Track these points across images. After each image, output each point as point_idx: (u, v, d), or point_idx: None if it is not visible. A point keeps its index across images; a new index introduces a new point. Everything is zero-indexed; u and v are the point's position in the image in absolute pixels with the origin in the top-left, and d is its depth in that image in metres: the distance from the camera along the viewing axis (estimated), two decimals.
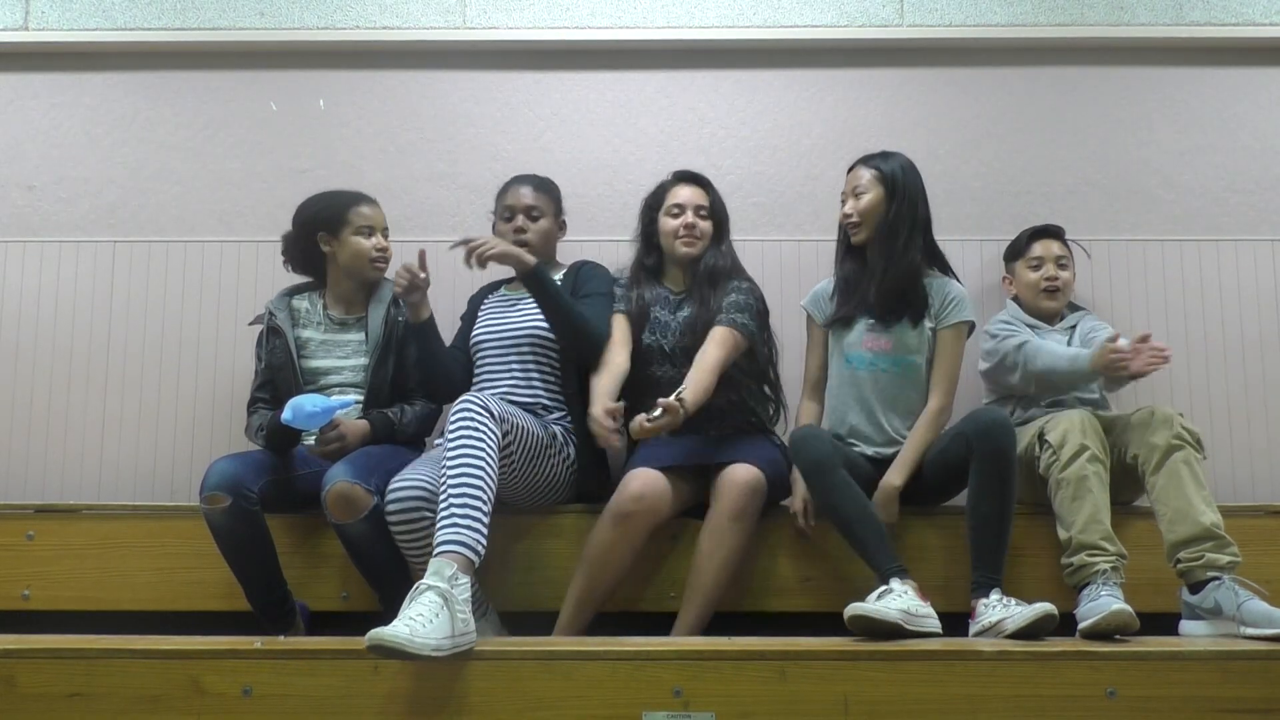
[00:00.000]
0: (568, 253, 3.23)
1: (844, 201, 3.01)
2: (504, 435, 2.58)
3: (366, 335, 3.02)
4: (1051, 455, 2.71)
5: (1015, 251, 3.27)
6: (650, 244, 3.10)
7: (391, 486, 2.60)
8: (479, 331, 3.10)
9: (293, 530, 2.87)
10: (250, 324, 3.14)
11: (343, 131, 3.56)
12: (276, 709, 2.14)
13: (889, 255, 2.90)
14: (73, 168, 3.54)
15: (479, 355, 3.08)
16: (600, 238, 3.47)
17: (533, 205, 3.10)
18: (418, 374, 3.00)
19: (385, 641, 2.07)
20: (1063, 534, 2.67)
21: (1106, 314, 3.34)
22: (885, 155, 2.99)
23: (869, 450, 2.90)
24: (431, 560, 2.29)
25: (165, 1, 3.56)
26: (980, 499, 2.63)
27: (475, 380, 3.06)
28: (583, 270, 3.11)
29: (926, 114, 3.57)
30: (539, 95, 3.58)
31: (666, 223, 3.03)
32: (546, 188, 3.16)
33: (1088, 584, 2.57)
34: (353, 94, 3.58)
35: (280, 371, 2.99)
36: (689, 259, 3.01)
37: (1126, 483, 2.78)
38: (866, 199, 2.94)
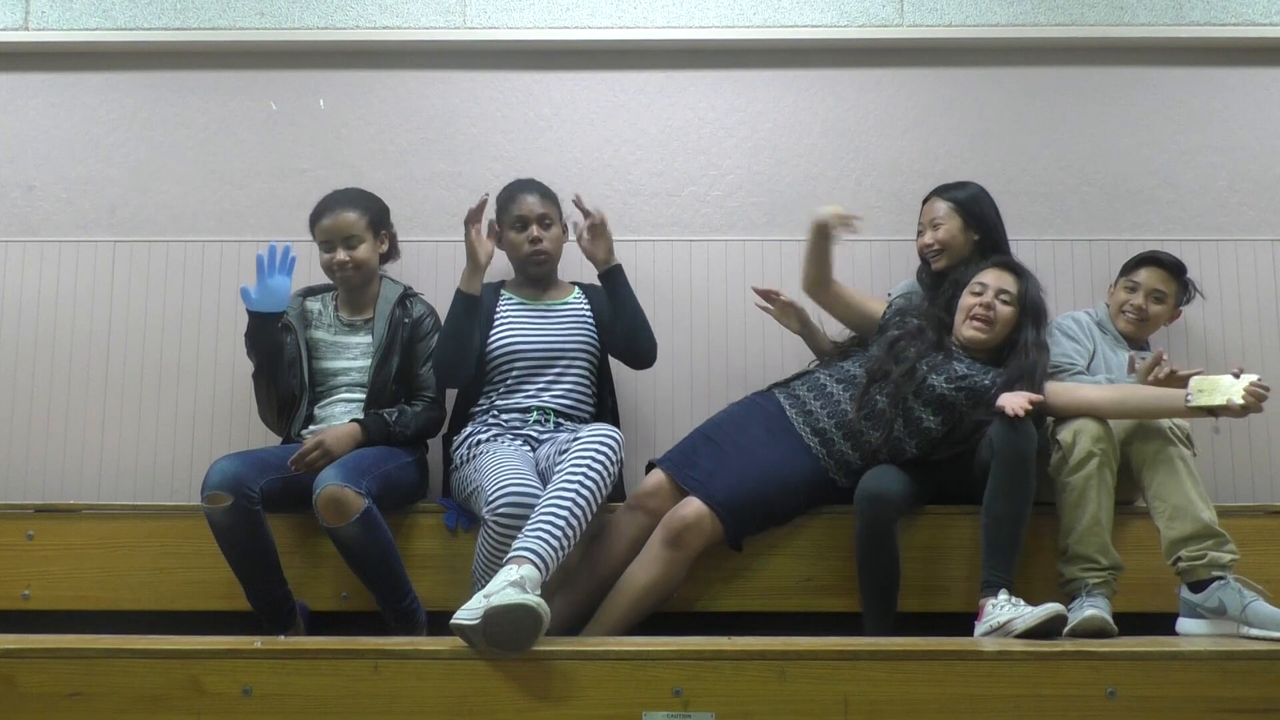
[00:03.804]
0: (568, 252, 3.22)
1: (921, 232, 3.12)
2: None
3: (374, 337, 3.02)
4: (1060, 457, 2.71)
5: (1125, 267, 3.24)
6: None
7: (503, 489, 2.57)
8: (509, 339, 3.04)
9: (293, 530, 2.87)
10: None
11: (343, 131, 3.56)
12: (276, 709, 2.14)
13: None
14: (73, 168, 3.54)
15: (509, 363, 3.02)
16: None
17: (544, 214, 3.09)
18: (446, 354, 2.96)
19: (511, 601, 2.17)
20: (1061, 539, 2.69)
21: None
22: (961, 185, 3.13)
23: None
24: (527, 565, 2.35)
25: (165, 1, 3.56)
26: (996, 499, 2.65)
27: (500, 388, 3.02)
28: (600, 295, 3.14)
29: (926, 114, 3.57)
30: (539, 95, 3.58)
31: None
32: (551, 194, 3.14)
33: (1077, 595, 2.61)
34: (353, 94, 3.58)
35: (290, 367, 3.00)
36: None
37: (1123, 483, 2.78)
38: (944, 230, 3.05)
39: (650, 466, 2.90)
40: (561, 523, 2.45)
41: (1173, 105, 3.57)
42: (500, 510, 2.55)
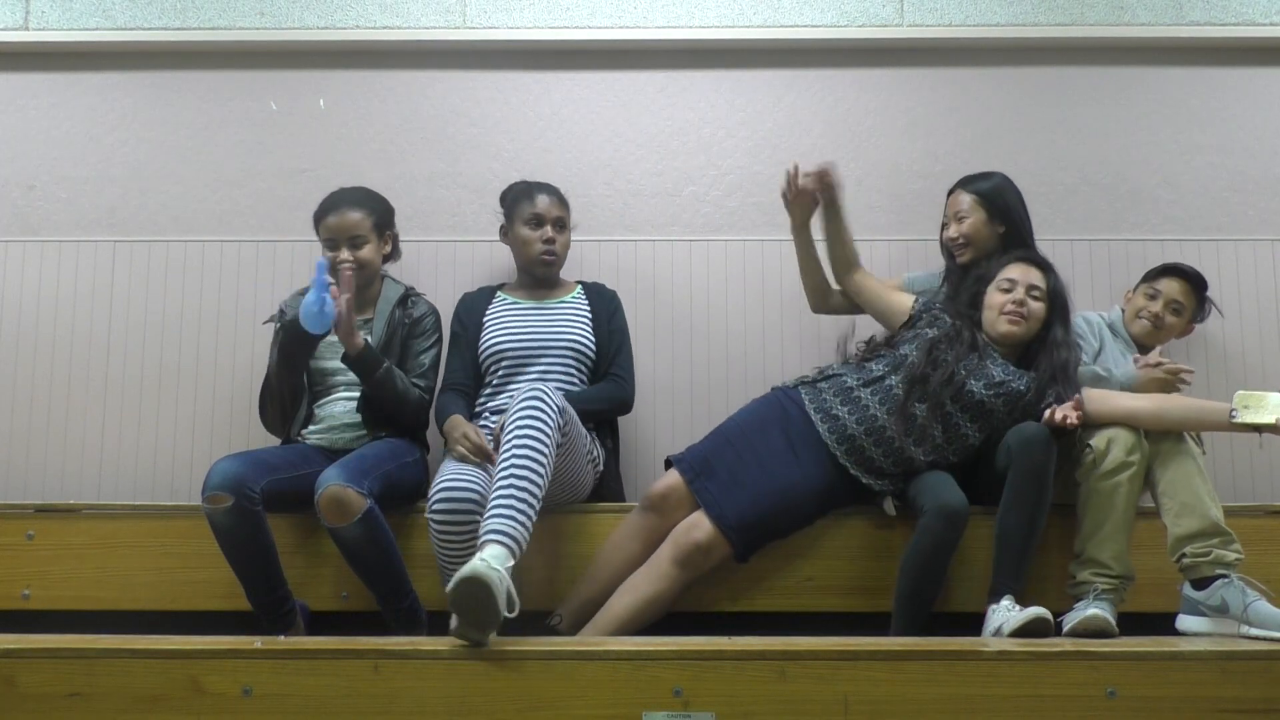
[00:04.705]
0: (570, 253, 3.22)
1: (945, 225, 3.11)
2: (562, 428, 2.60)
3: (372, 337, 3.01)
4: (1091, 462, 2.68)
5: (1148, 275, 3.24)
6: None
7: (441, 485, 2.58)
8: (501, 339, 3.03)
9: (293, 530, 2.87)
10: (265, 323, 3.15)
11: (343, 131, 3.56)
12: (276, 709, 2.14)
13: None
14: (73, 168, 3.54)
15: (494, 364, 3.01)
16: (600, 237, 3.47)
17: (560, 216, 3.10)
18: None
19: (479, 575, 2.15)
20: (1078, 542, 2.69)
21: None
22: (986, 176, 3.10)
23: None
24: (488, 545, 2.31)
25: (165, 1, 3.56)
26: (1010, 509, 2.65)
27: (488, 389, 3.02)
28: (607, 297, 3.14)
29: (926, 114, 3.57)
30: (539, 95, 3.58)
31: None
32: (565, 199, 3.16)
33: (1083, 598, 2.61)
34: (353, 94, 3.58)
35: None
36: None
37: None
38: (969, 223, 3.04)
39: (669, 464, 2.88)
40: (509, 494, 2.40)
41: (1173, 105, 3.57)
42: (434, 508, 2.57)
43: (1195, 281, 3.19)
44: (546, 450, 2.50)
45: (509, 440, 2.50)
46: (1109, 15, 3.56)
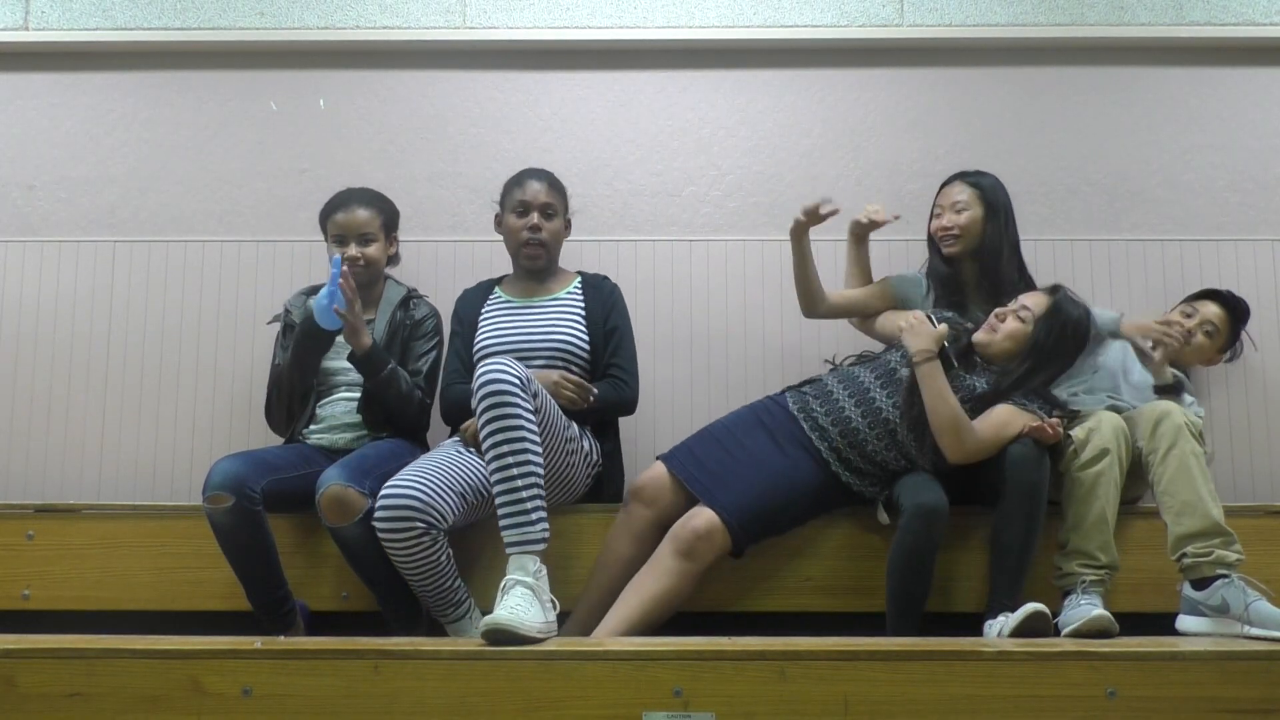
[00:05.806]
0: (569, 253, 3.22)
1: (938, 215, 3.09)
2: (533, 402, 2.56)
3: (374, 337, 3.00)
4: (1073, 452, 2.70)
5: (1189, 296, 3.24)
6: None
7: (382, 492, 2.55)
8: (489, 341, 2.99)
9: (293, 530, 2.87)
10: (269, 322, 3.15)
11: (343, 131, 3.56)
12: (276, 709, 2.14)
13: (994, 277, 2.98)
14: (73, 168, 3.54)
15: None
16: (600, 237, 3.48)
17: (548, 203, 3.04)
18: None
19: (502, 624, 2.21)
20: (1062, 533, 2.69)
21: None
22: (981, 174, 3.11)
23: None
24: (513, 557, 2.39)
25: (165, 1, 3.56)
26: (1004, 527, 2.65)
27: None
28: (604, 291, 3.09)
29: (926, 114, 3.57)
30: (539, 95, 3.58)
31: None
32: (559, 186, 3.10)
33: (1071, 591, 2.61)
34: (353, 94, 3.58)
35: None
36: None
37: (1132, 479, 2.77)
38: (966, 215, 3.03)
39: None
40: (507, 496, 2.42)
41: (1173, 105, 3.57)
42: (378, 517, 2.53)
43: (1235, 309, 3.17)
44: (525, 424, 2.47)
45: (484, 436, 2.47)
46: (1109, 15, 3.56)
